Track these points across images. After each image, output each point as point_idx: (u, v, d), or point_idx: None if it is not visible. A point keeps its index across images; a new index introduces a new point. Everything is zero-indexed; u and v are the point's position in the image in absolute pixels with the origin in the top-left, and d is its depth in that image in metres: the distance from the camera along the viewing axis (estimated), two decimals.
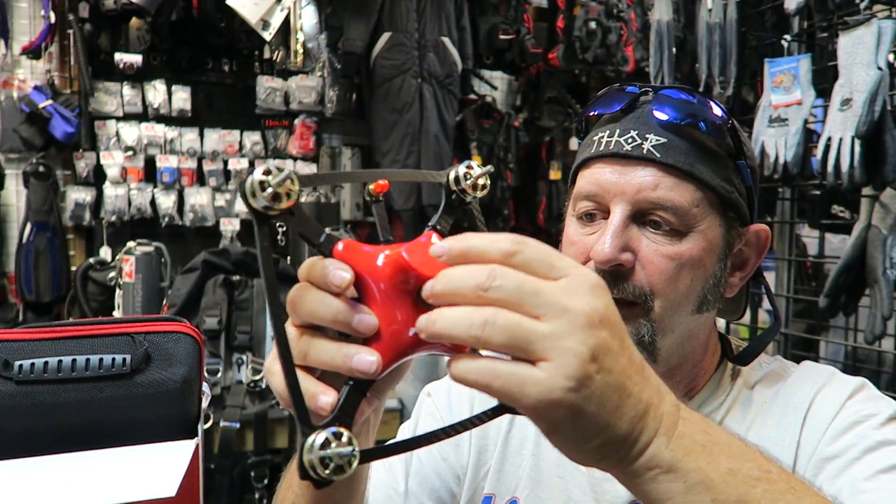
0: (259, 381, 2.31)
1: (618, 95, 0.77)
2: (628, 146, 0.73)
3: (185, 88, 3.01)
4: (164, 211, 2.98)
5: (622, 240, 0.72)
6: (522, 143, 3.53)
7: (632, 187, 0.72)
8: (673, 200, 0.72)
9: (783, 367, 0.83)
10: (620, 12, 3.37)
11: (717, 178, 0.74)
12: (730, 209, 0.75)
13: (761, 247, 0.80)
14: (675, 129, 0.73)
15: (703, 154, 0.73)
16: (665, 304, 0.73)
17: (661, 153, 0.72)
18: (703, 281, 0.74)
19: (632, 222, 0.73)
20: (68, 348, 0.62)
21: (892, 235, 1.71)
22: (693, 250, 0.73)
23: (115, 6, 2.64)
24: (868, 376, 2.24)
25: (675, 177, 0.72)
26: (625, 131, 0.74)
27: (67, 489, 0.55)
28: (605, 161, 0.75)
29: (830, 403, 0.74)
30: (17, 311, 2.77)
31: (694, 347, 0.79)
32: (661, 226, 0.73)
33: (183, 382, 0.65)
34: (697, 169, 0.72)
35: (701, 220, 0.73)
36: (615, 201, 0.73)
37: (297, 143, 3.18)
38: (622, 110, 0.76)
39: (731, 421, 0.79)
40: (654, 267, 0.72)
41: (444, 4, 3.12)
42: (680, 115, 0.73)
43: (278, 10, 2.82)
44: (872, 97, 1.61)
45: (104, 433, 0.61)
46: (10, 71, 2.75)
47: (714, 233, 0.74)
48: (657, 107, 0.74)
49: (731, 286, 0.79)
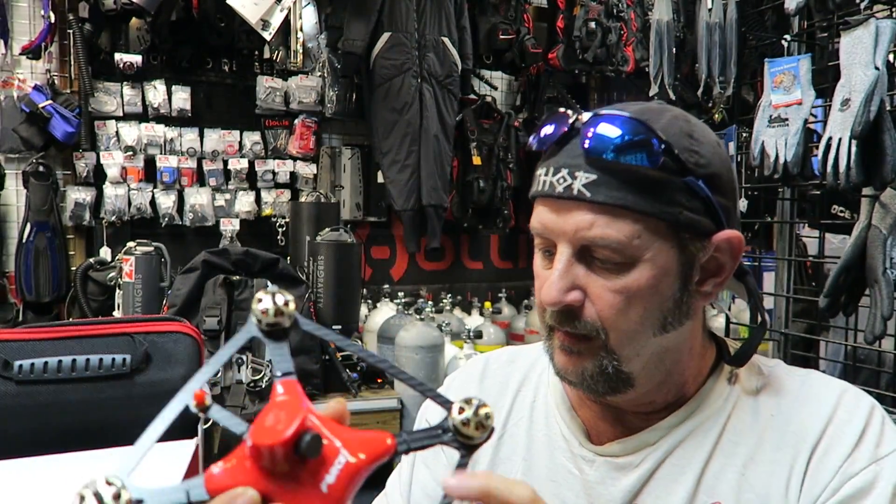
0: (259, 380, 2.31)
1: (554, 125, 0.76)
2: (560, 187, 0.72)
3: (185, 88, 3.01)
4: (163, 211, 2.98)
5: (567, 281, 0.72)
6: (522, 143, 3.53)
7: (570, 226, 0.72)
8: (609, 237, 0.70)
9: (788, 375, 0.81)
10: (620, 12, 3.37)
11: (658, 204, 0.71)
12: (682, 230, 0.73)
13: (735, 252, 0.77)
14: (603, 163, 0.71)
15: (636, 184, 0.70)
16: (618, 335, 0.73)
17: (591, 191, 0.70)
18: (658, 305, 0.73)
19: (577, 261, 0.73)
20: (68, 348, 0.62)
21: (892, 235, 1.71)
22: (640, 280, 0.72)
23: (115, 6, 2.64)
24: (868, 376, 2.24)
25: (608, 214, 0.70)
26: (557, 170, 0.73)
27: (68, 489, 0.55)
28: (545, 201, 0.75)
29: (842, 443, 0.73)
30: (17, 311, 2.77)
31: (676, 359, 0.79)
32: (605, 262, 0.72)
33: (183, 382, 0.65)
34: (631, 201, 0.70)
35: (645, 249, 0.71)
36: (559, 241, 0.73)
37: (296, 143, 3.18)
38: (556, 143, 0.75)
39: (734, 432, 0.78)
40: (603, 302, 0.72)
41: (444, 4, 3.12)
42: (607, 147, 0.70)
43: (278, 10, 2.82)
44: (868, 97, 1.61)
45: (104, 433, 0.61)
46: (10, 71, 2.75)
47: (664, 257, 0.73)
48: (586, 139, 0.72)
49: (706, 295, 0.78)
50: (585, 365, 0.74)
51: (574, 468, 0.82)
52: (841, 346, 2.29)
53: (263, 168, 3.15)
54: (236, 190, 3.12)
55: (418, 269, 3.56)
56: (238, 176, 3.11)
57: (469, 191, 3.35)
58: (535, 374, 0.92)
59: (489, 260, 3.75)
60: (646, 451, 0.79)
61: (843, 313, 1.91)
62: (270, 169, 3.16)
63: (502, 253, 3.77)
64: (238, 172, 3.11)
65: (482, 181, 3.34)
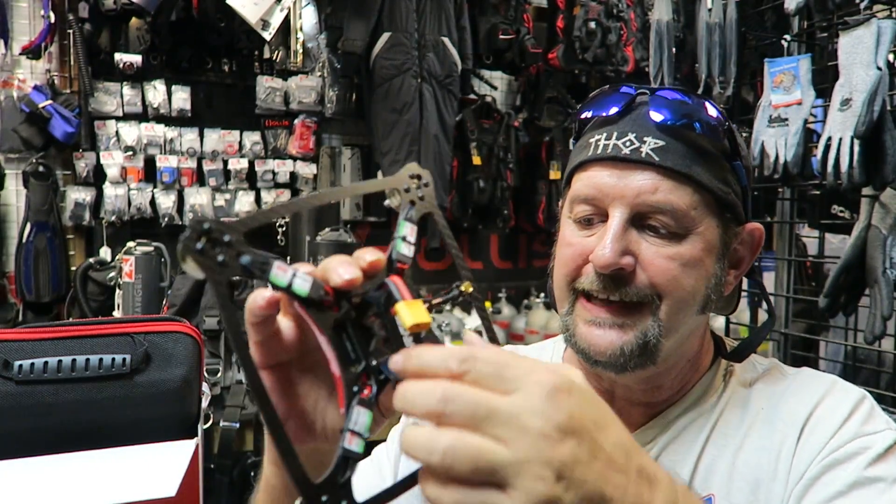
0: None
1: (614, 97, 0.77)
2: (626, 149, 0.73)
3: (185, 88, 3.00)
4: (163, 211, 2.98)
5: (622, 244, 0.72)
6: (522, 143, 3.53)
7: (631, 191, 0.72)
8: (672, 203, 0.72)
9: (780, 372, 0.82)
10: (620, 12, 3.37)
11: (715, 180, 0.74)
12: (726, 210, 0.75)
13: (755, 245, 0.80)
14: (673, 131, 0.73)
15: (700, 156, 0.73)
16: (672, 303, 0.73)
17: (659, 156, 0.72)
18: (705, 281, 0.75)
19: (630, 226, 0.73)
20: (68, 348, 0.62)
21: (892, 235, 1.71)
22: (693, 251, 0.73)
23: (115, 6, 2.64)
24: (868, 376, 2.24)
25: (673, 180, 0.72)
26: (622, 134, 0.74)
27: (68, 489, 0.55)
28: (603, 164, 0.74)
29: (829, 421, 0.73)
30: (17, 311, 2.76)
31: (691, 345, 0.80)
32: (660, 229, 0.72)
33: (183, 382, 0.65)
34: (695, 171, 0.72)
35: (699, 222, 0.73)
36: (614, 205, 0.73)
37: (296, 143, 3.18)
38: (619, 113, 0.75)
39: (725, 425, 0.78)
40: (656, 268, 0.72)
41: (444, 4, 3.12)
42: (677, 117, 0.73)
43: (278, 10, 2.82)
44: (871, 97, 1.61)
45: (104, 433, 0.61)
46: (10, 71, 2.75)
47: (712, 234, 0.74)
48: (654, 108, 0.74)
49: (728, 284, 0.80)
50: (626, 339, 0.73)
51: None
52: (841, 346, 2.29)
53: (263, 168, 3.14)
54: (236, 190, 3.12)
55: (418, 269, 3.56)
56: (238, 176, 3.11)
57: (469, 191, 3.35)
58: None
59: (489, 260, 3.75)
60: (645, 448, 0.79)
61: (842, 313, 1.92)
62: (270, 169, 3.15)
63: (502, 253, 3.77)
64: (238, 172, 3.10)
65: (482, 181, 3.34)
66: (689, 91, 0.77)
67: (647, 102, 0.75)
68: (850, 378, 2.13)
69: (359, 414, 0.47)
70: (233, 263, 0.44)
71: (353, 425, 0.47)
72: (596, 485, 0.43)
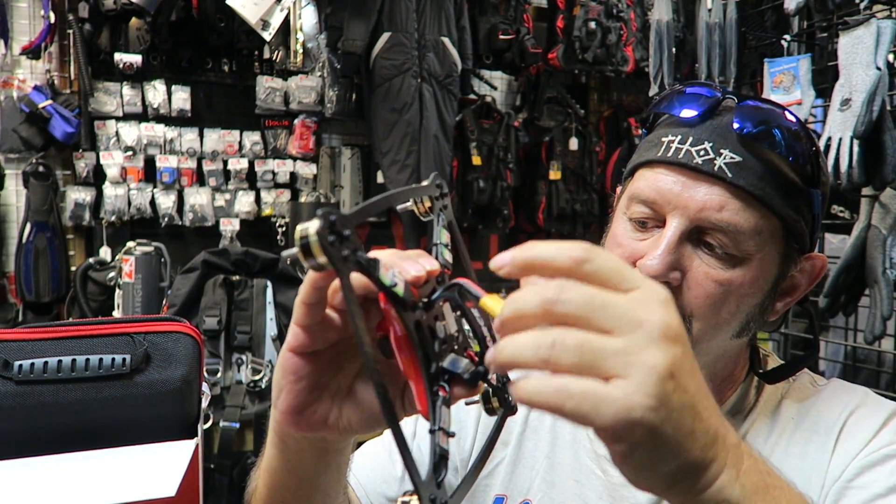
0: (259, 381, 2.31)
1: (696, 98, 0.72)
2: (699, 158, 0.68)
3: (185, 88, 3.00)
4: (163, 211, 2.98)
5: (673, 257, 0.68)
6: (522, 143, 3.53)
7: (695, 203, 0.68)
8: (736, 225, 0.67)
9: (812, 382, 0.80)
10: (620, 12, 3.37)
11: (787, 207, 0.69)
12: (793, 239, 0.71)
13: (815, 276, 0.76)
14: (754, 148, 0.68)
15: (777, 179, 0.68)
16: (704, 327, 0.70)
17: (733, 172, 0.67)
18: (748, 308, 0.71)
19: (686, 239, 0.69)
20: (68, 348, 0.62)
21: (892, 235, 1.71)
22: (745, 278, 0.69)
23: (115, 6, 2.64)
24: (868, 376, 2.25)
25: (742, 200, 0.67)
26: (698, 141, 0.69)
27: (67, 489, 0.55)
28: (671, 169, 0.70)
29: (864, 429, 0.72)
30: (16, 311, 2.77)
31: (725, 365, 0.77)
32: (716, 248, 0.68)
33: (182, 382, 0.65)
34: (768, 194, 0.67)
35: (760, 249, 0.69)
36: (673, 214, 0.69)
37: (296, 143, 3.18)
38: (699, 116, 0.70)
39: (755, 435, 0.77)
40: (701, 290, 0.68)
41: (444, 4, 3.12)
42: (762, 134, 0.68)
43: (278, 10, 2.82)
44: (871, 97, 1.61)
45: (104, 433, 0.61)
46: (9, 71, 2.75)
47: (770, 262, 0.70)
48: (739, 119, 0.68)
49: (775, 312, 0.76)
50: None
51: (598, 469, 0.81)
52: (841, 346, 2.29)
53: (263, 168, 3.14)
54: (236, 190, 3.12)
55: None
56: (238, 176, 3.11)
57: (469, 191, 3.35)
58: None
59: (489, 260, 3.74)
60: None
61: (842, 313, 1.92)
62: (270, 169, 3.15)
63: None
64: (238, 172, 3.11)
65: (482, 181, 3.34)
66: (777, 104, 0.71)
67: (731, 110, 0.70)
68: (850, 378, 2.14)
69: (443, 413, 0.47)
70: (351, 258, 0.43)
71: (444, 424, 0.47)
72: (694, 397, 0.42)
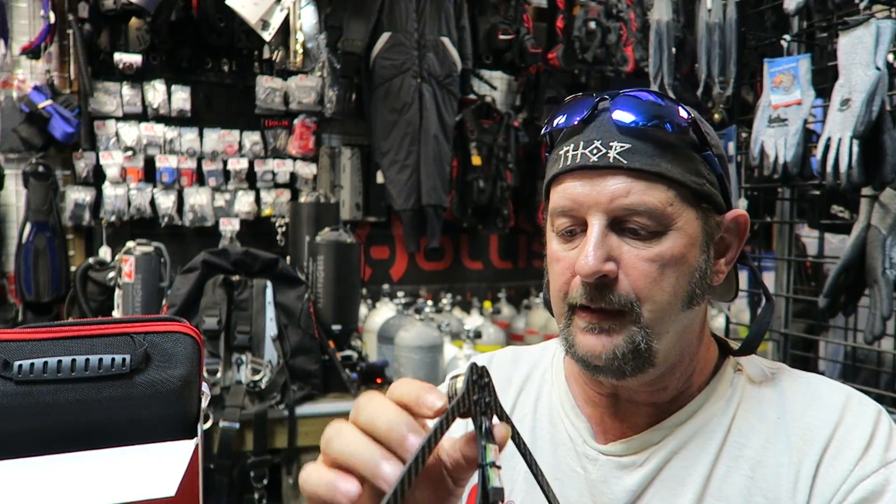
0: (258, 381, 2.31)
1: (576, 106, 0.77)
2: (594, 157, 0.73)
3: (185, 88, 3.01)
4: (163, 211, 2.98)
5: (603, 251, 0.72)
6: (522, 143, 3.53)
7: (604, 197, 0.72)
8: (647, 204, 0.72)
9: (792, 378, 0.82)
10: (620, 12, 3.37)
11: (687, 174, 0.74)
12: (703, 200, 0.76)
13: (742, 231, 0.80)
14: (637, 132, 0.73)
15: (668, 152, 0.73)
16: (653, 307, 0.73)
17: (627, 159, 0.72)
18: (688, 276, 0.75)
19: (610, 231, 0.73)
20: (68, 348, 0.62)
21: (892, 235, 1.71)
22: (674, 248, 0.73)
23: (115, 6, 2.64)
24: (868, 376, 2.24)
25: (644, 180, 0.72)
26: (588, 142, 0.74)
27: (67, 489, 0.55)
28: (575, 175, 0.75)
29: (852, 446, 0.73)
30: (16, 311, 2.77)
31: (690, 341, 0.79)
32: (639, 231, 0.73)
33: (182, 382, 0.65)
34: (665, 168, 0.73)
35: (677, 217, 0.73)
36: (591, 213, 0.73)
37: (296, 143, 3.18)
38: (583, 121, 0.75)
39: (738, 434, 0.78)
40: (637, 272, 0.73)
41: (444, 4, 3.12)
42: (639, 118, 0.73)
43: (278, 10, 2.82)
44: (870, 97, 1.61)
45: (104, 433, 0.61)
46: (9, 71, 2.75)
47: (692, 226, 0.75)
48: (616, 112, 0.74)
49: (718, 273, 0.80)
50: (616, 342, 0.73)
51: (578, 467, 0.82)
52: (840, 346, 2.29)
53: (263, 168, 3.15)
54: (236, 190, 3.12)
55: (418, 269, 3.56)
56: (238, 176, 3.11)
57: (469, 191, 3.35)
58: (538, 373, 0.92)
59: (489, 260, 3.75)
60: (650, 451, 0.79)
61: (842, 313, 1.92)
62: (270, 169, 3.16)
63: (502, 253, 3.77)
64: (238, 172, 3.11)
65: (482, 181, 3.34)
66: (650, 89, 0.77)
67: (608, 107, 0.75)
68: (850, 378, 2.14)
69: None
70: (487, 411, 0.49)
71: None
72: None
